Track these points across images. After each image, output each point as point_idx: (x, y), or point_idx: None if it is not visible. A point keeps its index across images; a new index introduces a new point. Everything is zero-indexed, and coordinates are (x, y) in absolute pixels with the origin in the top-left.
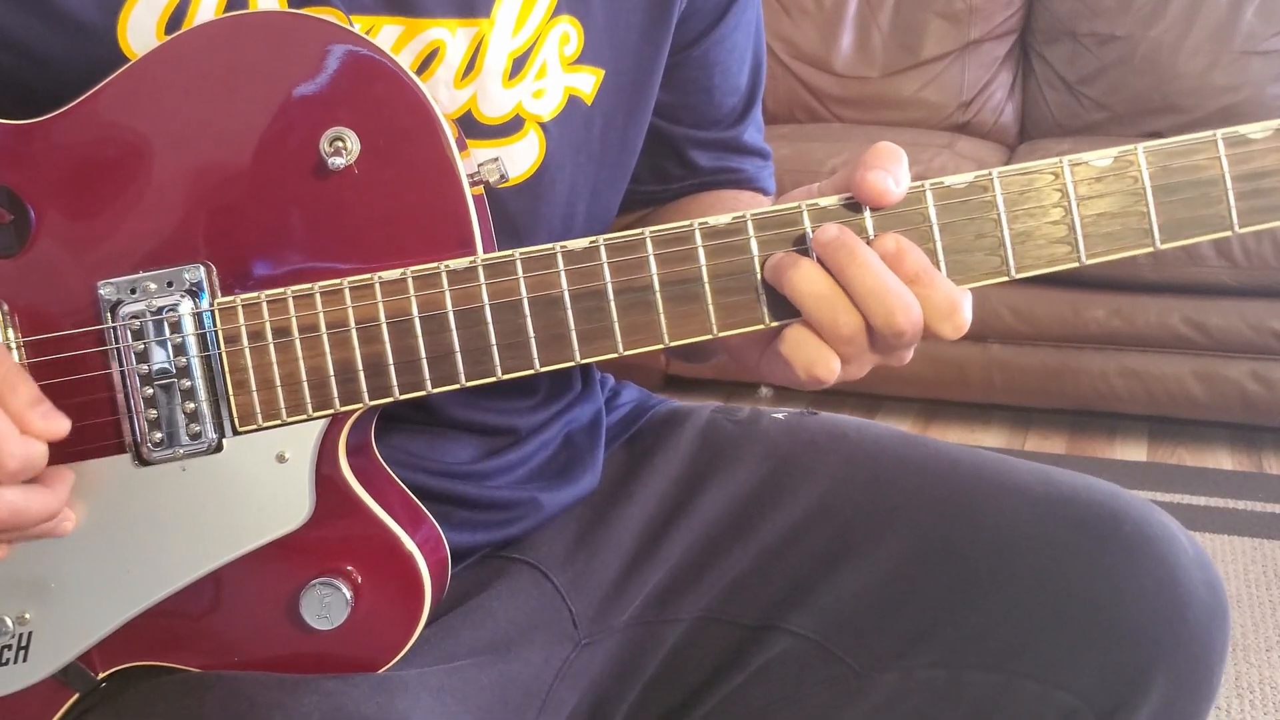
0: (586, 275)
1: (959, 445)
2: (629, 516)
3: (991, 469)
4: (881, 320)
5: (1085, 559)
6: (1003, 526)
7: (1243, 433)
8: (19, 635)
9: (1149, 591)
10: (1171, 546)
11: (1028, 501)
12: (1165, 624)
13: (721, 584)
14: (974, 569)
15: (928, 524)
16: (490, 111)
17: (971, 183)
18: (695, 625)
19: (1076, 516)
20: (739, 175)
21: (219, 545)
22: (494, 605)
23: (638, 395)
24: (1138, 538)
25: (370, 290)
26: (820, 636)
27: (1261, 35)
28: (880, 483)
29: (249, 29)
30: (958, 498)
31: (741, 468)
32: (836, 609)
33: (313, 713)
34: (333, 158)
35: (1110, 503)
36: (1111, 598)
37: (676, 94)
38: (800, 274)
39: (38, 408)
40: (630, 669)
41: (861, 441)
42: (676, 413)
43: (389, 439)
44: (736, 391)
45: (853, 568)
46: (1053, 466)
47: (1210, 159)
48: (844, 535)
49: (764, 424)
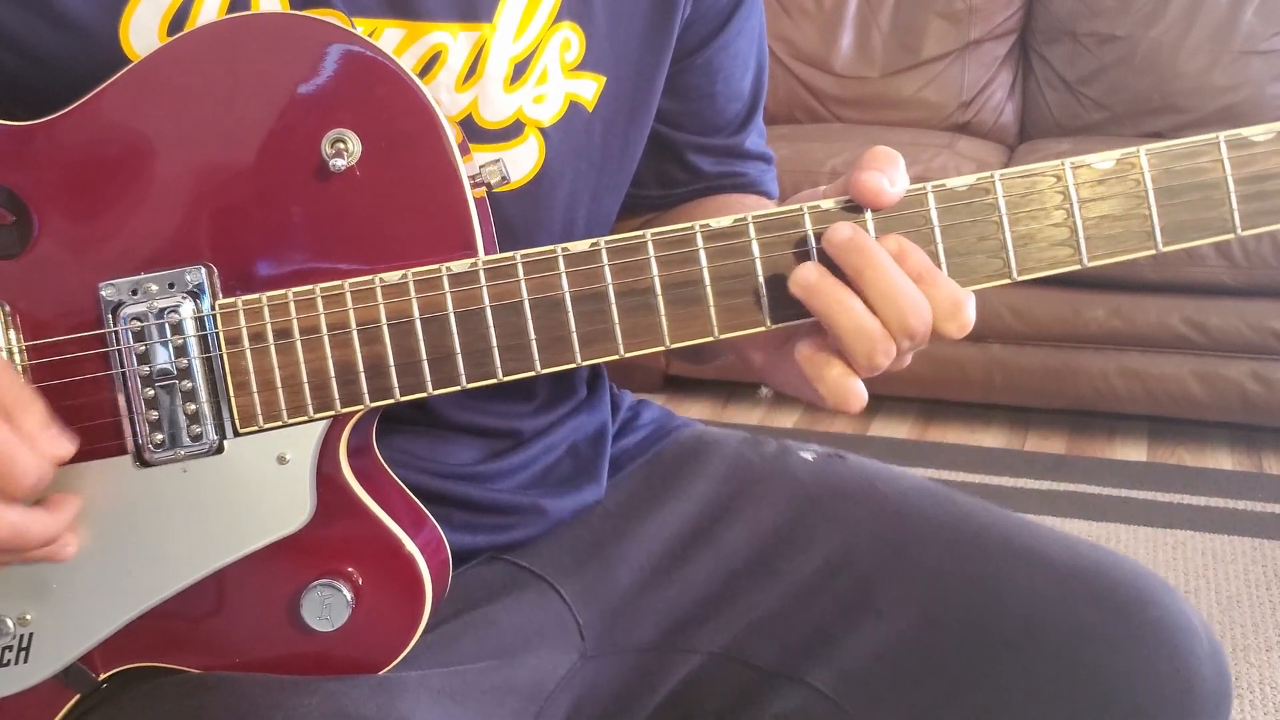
0: (588, 277)
1: (987, 506)
2: (646, 536)
3: (1018, 537)
4: (896, 323)
5: (1105, 641)
6: (1026, 600)
7: (1243, 433)
8: (20, 636)
9: (1163, 680)
10: (1190, 638)
11: (1053, 576)
12: (1175, 711)
13: (741, 622)
14: (994, 641)
15: (952, 590)
16: (490, 116)
17: (973, 185)
18: (710, 661)
19: (1100, 596)
20: (742, 180)
21: (220, 547)
22: (499, 613)
23: (660, 415)
24: (1160, 627)
25: (371, 292)
26: (836, 695)
27: (1261, 35)
28: (908, 542)
29: (251, 30)
30: (984, 566)
31: (768, 506)
32: (855, 667)
33: (313, 713)
34: (334, 159)
35: (1135, 585)
36: (1126, 682)
37: (680, 101)
38: (846, 310)
39: (48, 431)
40: (638, 693)
41: (891, 495)
42: (702, 438)
43: (390, 440)
44: (736, 392)
45: (874, 625)
46: (1079, 538)
47: (1213, 161)
48: (867, 590)
49: (792, 463)
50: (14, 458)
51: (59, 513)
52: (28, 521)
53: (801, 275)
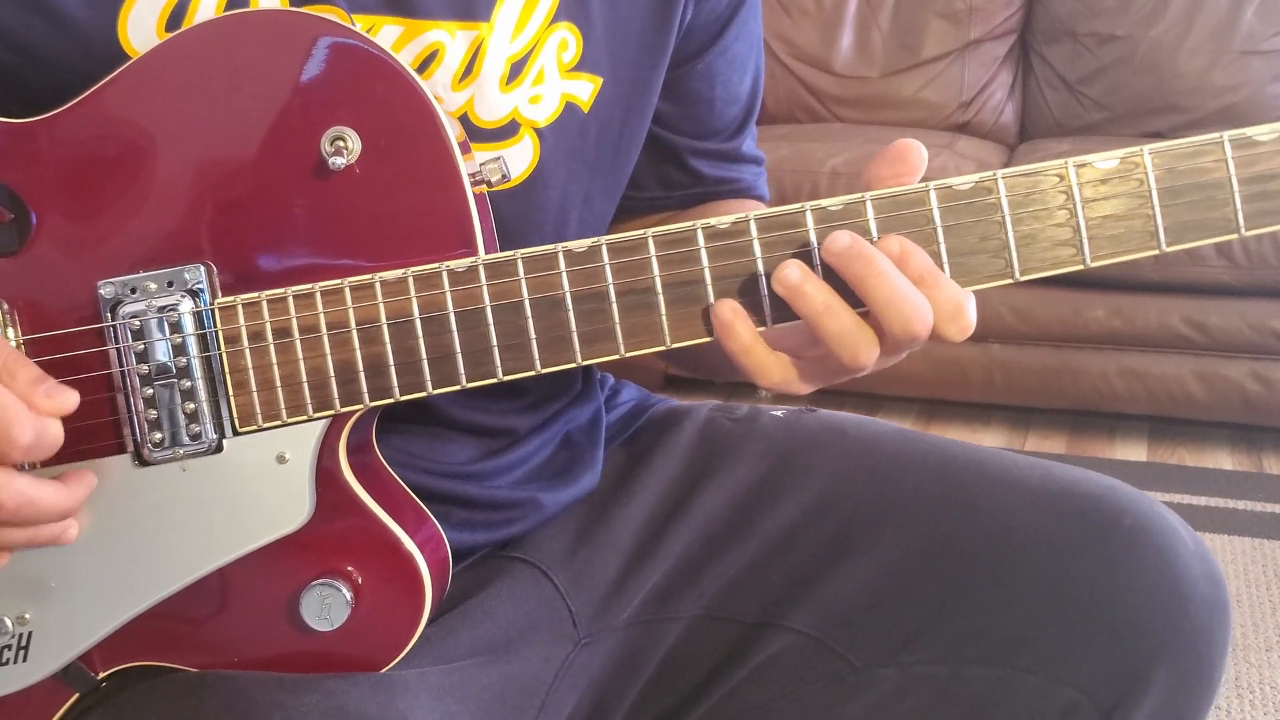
0: (588, 276)
1: (957, 441)
2: (628, 516)
3: (990, 464)
4: (899, 328)
5: (1085, 553)
6: (1002, 521)
7: (1243, 433)
8: (19, 635)
9: (1150, 585)
10: (1172, 540)
11: (1027, 496)
12: (1166, 617)
13: (721, 582)
14: (973, 564)
15: (927, 520)
16: (486, 115)
17: (976, 184)
18: (694, 623)
19: (1076, 510)
20: (738, 185)
21: (219, 546)
22: (494, 605)
23: (637, 394)
24: (1138, 531)
25: (371, 291)
26: (820, 633)
27: (1261, 35)
28: (879, 479)
29: (250, 27)
30: (956, 493)
31: (740, 465)
32: (836, 606)
33: (312, 712)
34: (333, 157)
35: (1110, 496)
36: (1112, 592)
37: (678, 105)
38: (829, 312)
39: (41, 385)
40: (630, 668)
41: (860, 438)
42: (675, 411)
43: (389, 439)
44: (736, 392)
45: (852, 564)
46: (1052, 462)
47: (1216, 161)
48: (843, 532)
49: (763, 421)
50: (6, 415)
51: (72, 486)
52: (38, 490)
53: (784, 275)
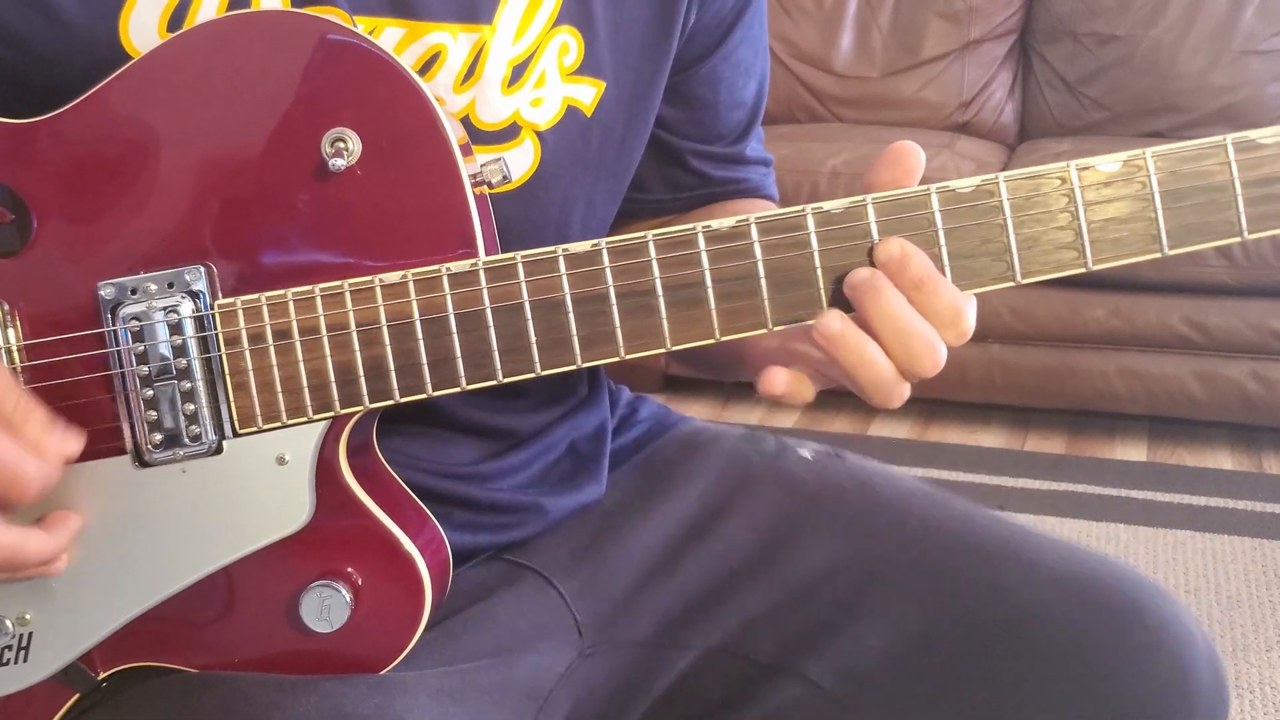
0: (589, 279)
1: (984, 511)
2: (644, 532)
3: (1016, 541)
4: (904, 361)
5: (1103, 645)
6: (1024, 602)
7: (1243, 433)
8: (19, 636)
9: (1162, 685)
10: (1188, 643)
11: (1050, 580)
12: (1172, 717)
13: (739, 617)
14: (991, 644)
15: (950, 593)
16: (488, 118)
17: (978, 187)
18: (708, 655)
19: (1098, 602)
20: (745, 185)
21: (219, 547)
22: (497, 611)
23: (657, 411)
24: (1156, 630)
25: (371, 292)
26: (833, 687)
27: (1261, 35)
28: (906, 543)
29: (252, 27)
30: (982, 570)
31: (766, 503)
32: (852, 663)
33: (311, 713)
34: (334, 159)
35: (1133, 591)
36: (1124, 686)
37: (683, 109)
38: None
39: (52, 433)
40: (636, 689)
41: (890, 496)
42: (700, 435)
43: (389, 440)
44: (736, 392)
45: (872, 623)
46: (1077, 545)
47: (1220, 164)
48: (865, 589)
49: (790, 460)
50: (17, 469)
51: (57, 532)
52: (24, 541)
53: (825, 325)
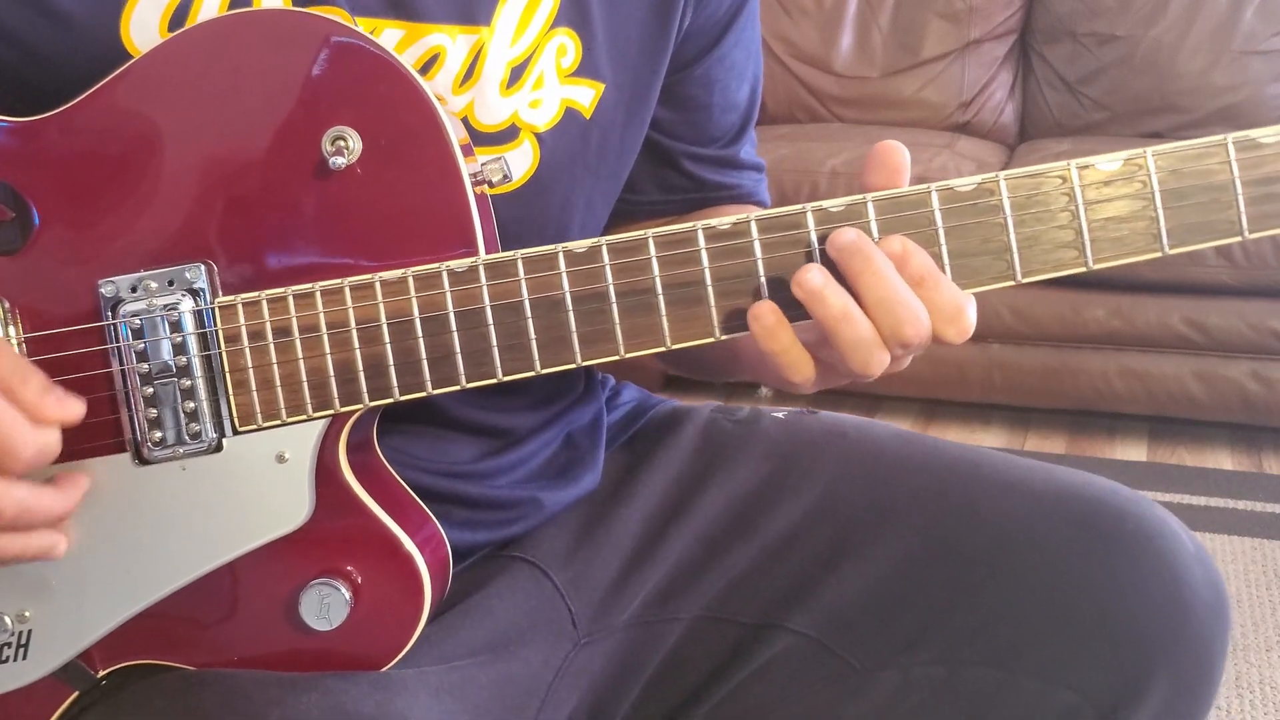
0: (589, 277)
1: (958, 443)
2: (629, 516)
3: (991, 466)
4: (889, 331)
5: (1087, 556)
6: (1002, 524)
7: (1243, 433)
8: (19, 633)
9: (1151, 589)
10: (1174, 544)
11: (1028, 498)
12: (1167, 622)
13: (721, 583)
14: (974, 566)
15: (927, 522)
16: (486, 119)
17: (978, 186)
18: (695, 624)
19: (1077, 513)
20: (738, 191)
21: (219, 545)
22: (493, 604)
23: (638, 395)
24: (1140, 535)
25: (371, 290)
26: (820, 635)
27: (1261, 35)
28: (880, 482)
29: (253, 26)
30: (957, 496)
31: (742, 467)
32: (837, 607)
33: (311, 710)
34: (334, 157)
35: (1112, 500)
36: (1113, 595)
37: (677, 111)
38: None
39: (50, 395)
40: (631, 668)
41: (861, 440)
42: (676, 412)
43: (389, 439)
44: (736, 392)
45: (853, 566)
46: (1054, 465)
47: (1220, 163)
48: (844, 534)
49: (764, 423)
50: (11, 431)
51: (67, 490)
52: (36, 496)
53: (806, 279)
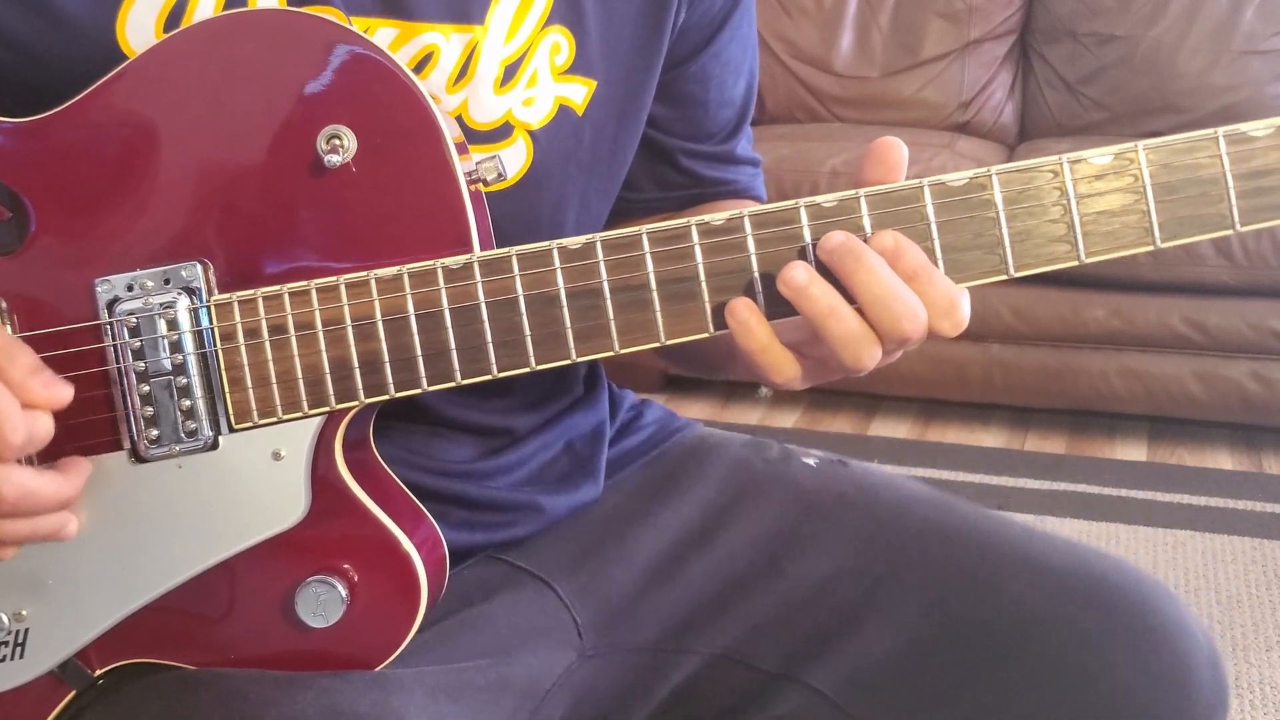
0: (583, 273)
1: (988, 514)
2: (646, 536)
3: (1021, 543)
4: (888, 327)
5: (1105, 645)
6: (1026, 605)
7: (1243, 433)
8: (15, 632)
9: (1163, 687)
10: (1190, 644)
11: (1053, 580)
12: (1172, 717)
13: (743, 625)
14: (995, 644)
15: (953, 596)
16: (480, 117)
17: (970, 181)
18: (712, 662)
19: (1100, 601)
20: (734, 185)
21: (215, 542)
22: (495, 612)
23: (662, 416)
24: (1160, 631)
25: (366, 288)
26: (835, 695)
27: (1261, 35)
28: (908, 548)
29: (247, 27)
30: (984, 572)
31: (770, 510)
32: (856, 670)
33: (308, 709)
34: (329, 155)
35: (1135, 590)
36: (1126, 686)
37: (672, 108)
38: (834, 314)
39: (38, 376)
40: (638, 694)
41: (891, 501)
42: (705, 441)
43: (386, 437)
44: (736, 392)
45: (875, 629)
46: (1079, 543)
47: (1211, 157)
48: (869, 595)
49: (794, 468)
50: None
51: (70, 475)
52: (39, 483)
53: (790, 276)
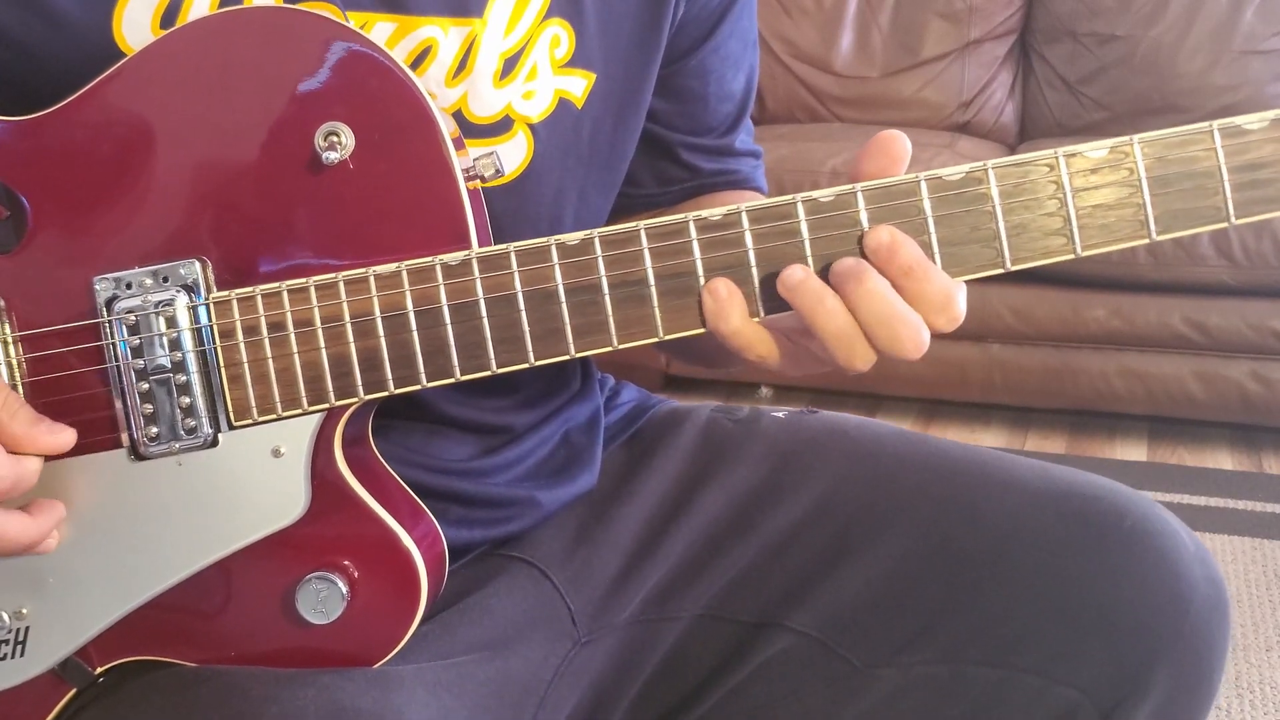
0: (581, 269)
1: (958, 443)
2: (629, 515)
3: (991, 465)
4: (886, 343)
5: (1086, 554)
6: (1002, 522)
7: (1243, 433)
8: (16, 630)
9: (1151, 587)
10: (1173, 541)
11: (1027, 497)
12: (1167, 619)
13: (721, 582)
14: (974, 565)
15: (928, 521)
16: (480, 111)
17: (966, 175)
18: (695, 623)
19: (1077, 511)
20: (736, 177)
21: (215, 540)
22: (492, 604)
23: (637, 395)
24: (1139, 533)
25: (365, 285)
26: (821, 634)
27: (1261, 35)
28: (880, 481)
29: (244, 24)
30: (958, 495)
31: (742, 466)
32: (837, 606)
33: (308, 706)
34: (327, 152)
35: (1110, 498)
36: (1113, 593)
37: (672, 102)
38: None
39: (38, 426)
40: (630, 667)
41: (861, 439)
42: (676, 412)
43: (385, 435)
44: (736, 391)
45: (853, 565)
46: (1053, 464)
47: (1206, 150)
48: (844, 533)
49: (764, 423)
50: None
51: (40, 518)
52: (6, 524)
53: (787, 275)
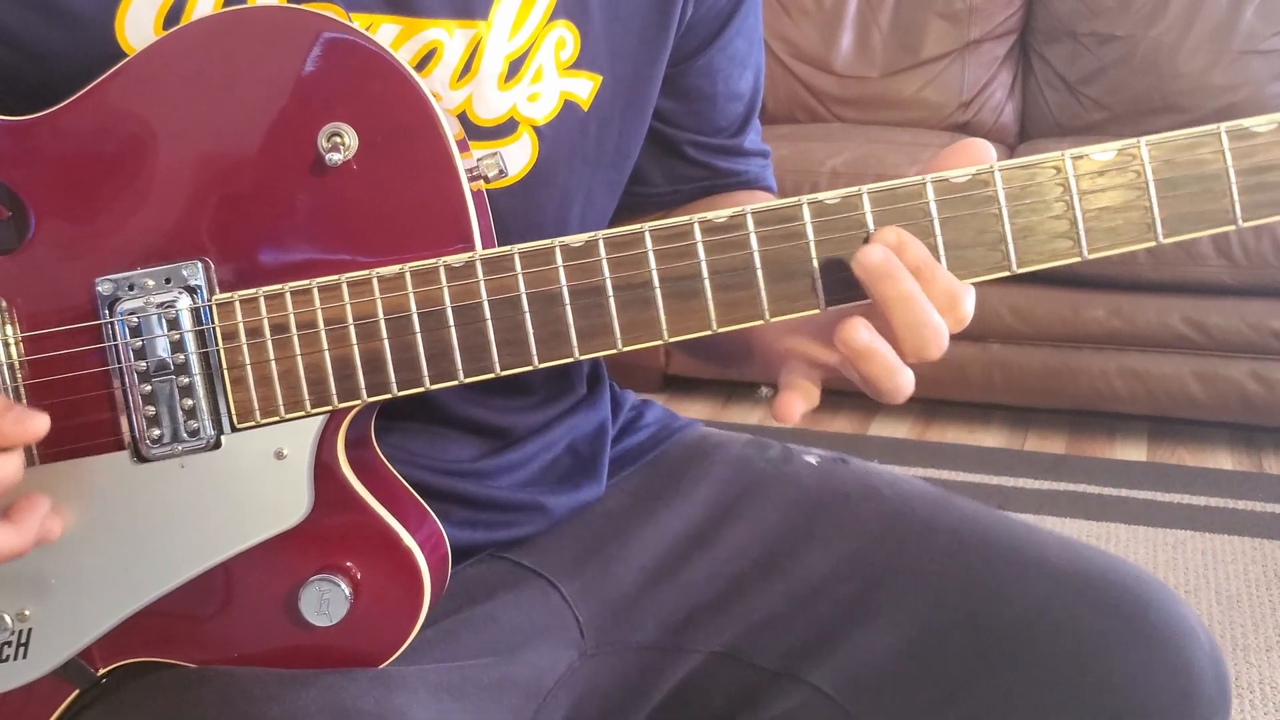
0: (585, 271)
1: (989, 511)
2: (648, 535)
3: (1020, 539)
4: (911, 350)
5: (1108, 646)
6: (1028, 604)
7: (1243, 433)
8: (19, 632)
9: (1163, 686)
10: (1191, 642)
11: (1054, 579)
12: (1174, 716)
13: (744, 623)
14: (998, 644)
15: (955, 594)
16: (485, 113)
17: (973, 177)
18: (712, 660)
19: (1102, 600)
20: (745, 176)
21: (218, 542)
22: (498, 611)
23: (663, 415)
24: (1161, 629)
25: (368, 286)
26: (838, 694)
27: (1261, 35)
28: (910, 545)
29: (248, 24)
30: (986, 571)
31: (772, 508)
32: (857, 667)
33: (310, 706)
34: (330, 153)
35: (1136, 589)
36: (1127, 684)
37: (680, 102)
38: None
39: (9, 413)
40: (639, 692)
41: (894, 500)
42: (706, 440)
43: (389, 437)
44: (736, 391)
45: (877, 627)
46: (1080, 542)
47: (1214, 153)
48: (870, 593)
49: (796, 466)
50: None
51: (21, 525)
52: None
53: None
